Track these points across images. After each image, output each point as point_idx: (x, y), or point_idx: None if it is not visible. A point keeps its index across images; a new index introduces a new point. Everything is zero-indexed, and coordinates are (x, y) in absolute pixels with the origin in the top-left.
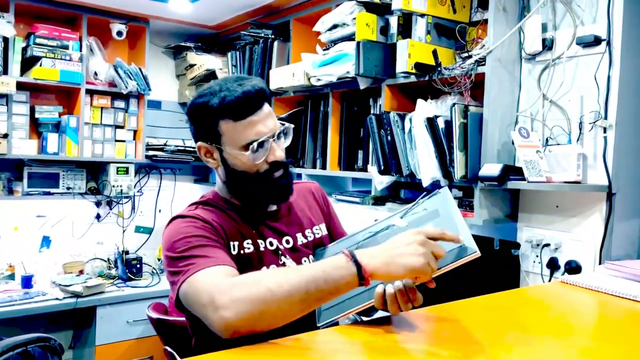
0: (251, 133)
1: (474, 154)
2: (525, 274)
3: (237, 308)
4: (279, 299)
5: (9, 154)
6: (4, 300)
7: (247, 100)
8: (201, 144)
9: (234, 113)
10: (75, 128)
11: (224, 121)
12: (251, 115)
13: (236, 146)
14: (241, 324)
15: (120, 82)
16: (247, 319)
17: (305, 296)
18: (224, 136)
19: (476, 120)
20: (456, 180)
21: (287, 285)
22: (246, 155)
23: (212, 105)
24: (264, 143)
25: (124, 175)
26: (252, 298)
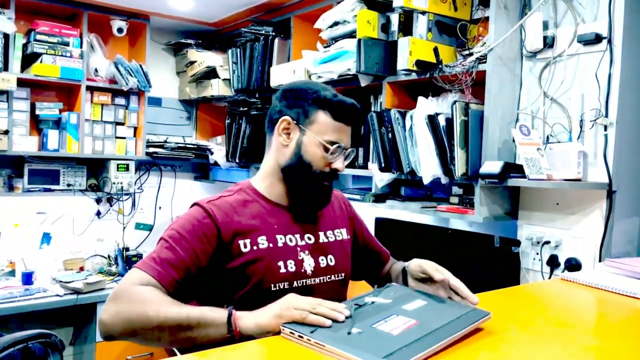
0: (338, 136)
1: (474, 151)
2: (525, 271)
3: (115, 318)
4: (152, 325)
5: (9, 150)
6: (5, 296)
7: (351, 111)
8: (287, 118)
9: (337, 112)
10: (76, 125)
11: (323, 112)
12: (346, 124)
13: (321, 137)
14: (114, 332)
15: (120, 79)
16: (120, 330)
17: (175, 330)
18: (316, 124)
19: (477, 117)
20: (457, 177)
21: (164, 316)
22: (322, 150)
23: (320, 95)
24: (341, 150)
25: (125, 172)
26: (130, 316)
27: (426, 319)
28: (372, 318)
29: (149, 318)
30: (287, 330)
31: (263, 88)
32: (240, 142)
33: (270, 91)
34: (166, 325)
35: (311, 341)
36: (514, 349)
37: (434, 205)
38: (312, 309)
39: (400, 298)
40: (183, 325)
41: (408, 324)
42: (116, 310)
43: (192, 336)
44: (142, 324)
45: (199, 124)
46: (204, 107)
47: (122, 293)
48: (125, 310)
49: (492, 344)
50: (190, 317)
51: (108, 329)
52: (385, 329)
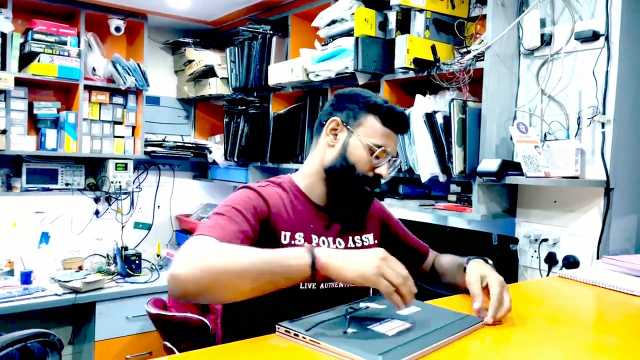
0: (385, 142)
1: (472, 149)
2: (523, 269)
3: (191, 271)
4: (231, 273)
5: (7, 150)
6: (3, 296)
7: (401, 119)
8: (336, 119)
9: (386, 118)
10: (74, 124)
11: (373, 117)
12: (394, 131)
13: (367, 140)
14: (189, 285)
15: (118, 78)
16: (196, 282)
17: (258, 275)
18: (364, 127)
19: (475, 115)
20: (455, 175)
21: (244, 261)
22: (368, 152)
23: (371, 100)
24: (387, 156)
25: (123, 171)
26: (207, 265)
27: (420, 322)
28: (367, 321)
29: (229, 264)
30: (282, 329)
31: (261, 87)
32: (238, 140)
33: (268, 90)
34: (248, 269)
35: (306, 339)
36: (512, 346)
37: (432, 204)
38: (399, 285)
39: None
40: (267, 260)
41: (402, 326)
42: (190, 263)
43: (273, 280)
44: (222, 271)
45: (198, 123)
46: (202, 106)
47: (192, 249)
48: (201, 261)
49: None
50: (272, 259)
51: (182, 284)
52: (381, 330)
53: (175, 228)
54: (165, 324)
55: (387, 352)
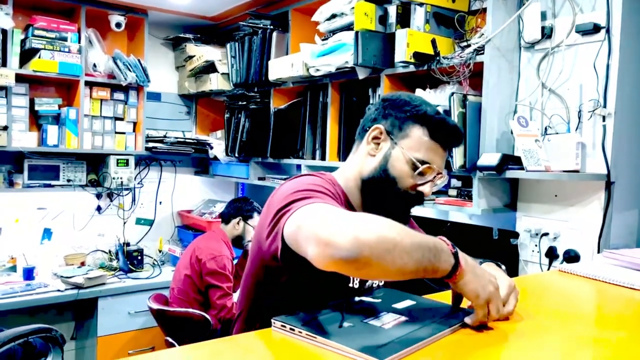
0: (431, 157)
1: (472, 143)
2: (524, 263)
3: (365, 236)
4: (405, 247)
5: (8, 146)
6: (6, 292)
7: (451, 133)
8: (379, 127)
9: (435, 131)
10: (75, 120)
11: (420, 128)
12: (441, 145)
13: (412, 153)
14: (363, 252)
15: (119, 74)
16: (370, 249)
17: (420, 258)
18: (409, 139)
19: (475, 109)
20: (455, 169)
21: (415, 239)
22: (411, 167)
23: (420, 110)
24: (432, 173)
25: (124, 167)
26: (383, 234)
27: (415, 315)
28: (362, 314)
29: (403, 238)
30: (278, 324)
31: (261, 82)
32: (239, 136)
33: (268, 85)
34: (417, 249)
35: (302, 333)
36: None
37: (433, 198)
38: (490, 318)
39: (390, 298)
40: (428, 246)
41: (398, 320)
42: (361, 228)
43: (428, 268)
44: (397, 243)
45: (199, 119)
46: (203, 101)
47: (342, 216)
48: (373, 228)
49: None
50: (430, 247)
51: (355, 249)
52: (376, 324)
53: (177, 224)
54: (166, 319)
55: (384, 345)
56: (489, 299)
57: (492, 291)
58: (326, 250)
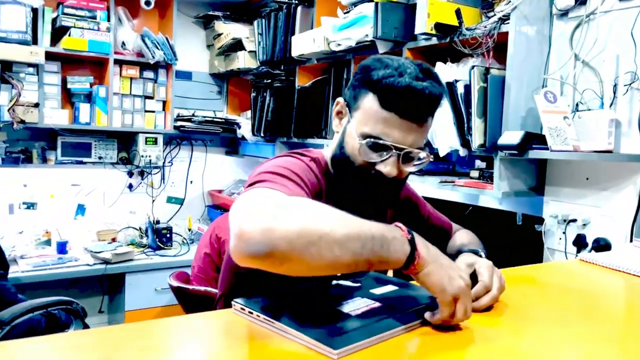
0: (383, 129)
1: (494, 120)
2: (549, 251)
3: (285, 227)
4: (335, 240)
5: (40, 123)
6: (38, 264)
7: (411, 99)
8: (340, 100)
9: (384, 99)
10: (105, 98)
11: (372, 96)
12: (399, 115)
13: (360, 127)
14: (279, 246)
15: (147, 52)
16: (289, 243)
17: (358, 249)
18: (360, 110)
19: (497, 84)
20: (474, 149)
21: (350, 228)
22: (357, 144)
23: (372, 75)
24: (385, 150)
25: (153, 145)
26: (306, 225)
27: (390, 302)
28: (333, 299)
29: (334, 229)
30: (237, 306)
31: (286, 59)
32: (264, 115)
33: (293, 62)
34: (353, 239)
35: (260, 317)
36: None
37: (453, 180)
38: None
39: (372, 283)
40: (371, 235)
41: (370, 306)
42: (283, 219)
43: (370, 259)
44: (324, 235)
45: (230, 98)
46: (234, 81)
47: (276, 202)
48: (298, 219)
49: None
50: (375, 236)
51: (271, 242)
52: (345, 310)
53: (207, 203)
54: (186, 297)
55: (344, 334)
56: (457, 295)
57: (462, 286)
58: (238, 244)
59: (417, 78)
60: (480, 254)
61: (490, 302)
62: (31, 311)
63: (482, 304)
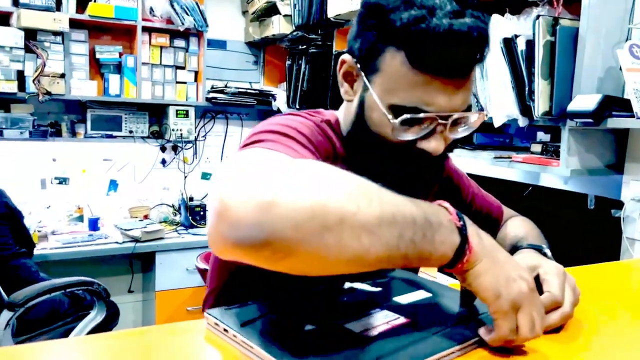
0: (422, 97)
1: (563, 82)
2: (629, 242)
3: (293, 202)
4: (360, 221)
5: (67, 94)
6: (68, 241)
7: (455, 49)
8: (346, 57)
9: (421, 55)
10: (133, 68)
11: (396, 52)
12: (445, 76)
13: (387, 98)
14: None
15: (176, 18)
16: (295, 226)
17: (395, 240)
18: (382, 73)
19: (569, 37)
20: (537, 117)
21: (382, 208)
22: (389, 122)
23: (393, 21)
24: (427, 123)
25: (184, 118)
26: (323, 201)
27: (420, 317)
28: (343, 310)
29: (361, 208)
30: (211, 320)
31: (323, 22)
32: (300, 85)
33: (331, 25)
34: (388, 224)
35: (237, 338)
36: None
37: (510, 156)
38: (521, 339)
39: (397, 286)
40: (412, 218)
41: (392, 322)
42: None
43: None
44: (348, 217)
45: (267, 69)
46: (271, 49)
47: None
48: (310, 192)
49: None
50: (417, 220)
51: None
52: (357, 329)
53: None
54: None
55: None
56: (517, 304)
57: (524, 291)
58: (220, 227)
59: (456, 13)
60: (545, 251)
61: (561, 321)
62: (47, 292)
63: (549, 322)
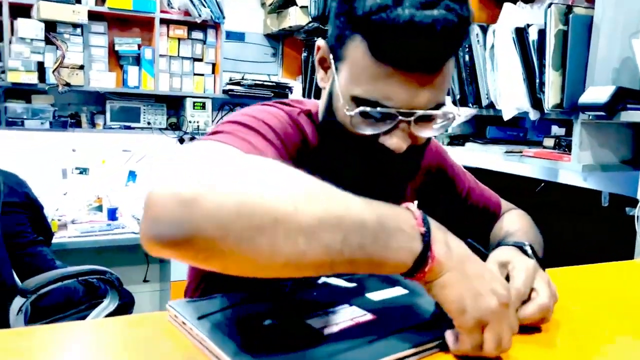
0: (382, 90)
1: (575, 73)
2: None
3: (218, 199)
4: (297, 222)
5: (86, 86)
6: (86, 230)
7: (416, 41)
8: (320, 43)
9: (380, 45)
10: (151, 60)
11: (359, 41)
12: (406, 70)
13: (349, 88)
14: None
15: (193, 10)
16: (220, 225)
17: (337, 244)
18: (347, 62)
19: (582, 26)
20: (547, 109)
21: (323, 210)
22: (347, 113)
23: (356, 9)
24: (388, 118)
25: (201, 110)
26: (255, 200)
27: (387, 315)
28: (314, 306)
29: (299, 208)
30: (172, 312)
31: None
32: (315, 78)
33: None
34: (328, 226)
35: (192, 332)
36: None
37: (521, 150)
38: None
39: (373, 282)
40: (360, 222)
41: (357, 319)
42: (216, 185)
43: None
44: (283, 217)
45: (286, 61)
46: (290, 41)
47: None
48: (242, 188)
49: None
50: (366, 223)
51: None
52: (318, 324)
53: None
54: None
55: None
56: (483, 321)
57: (492, 307)
58: (143, 222)
59: (427, 4)
60: (525, 248)
61: (539, 314)
62: (59, 280)
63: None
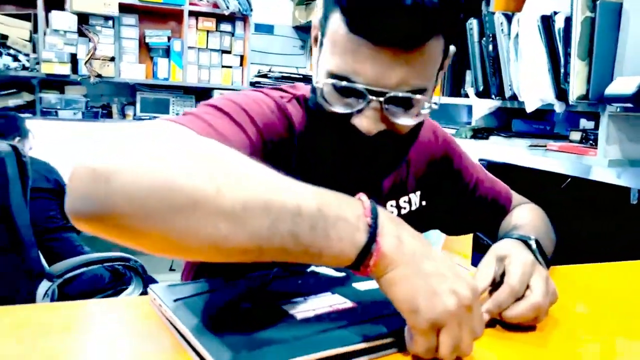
0: (353, 64)
1: (602, 63)
2: None
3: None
4: (219, 205)
5: (116, 77)
6: None
7: (389, 14)
8: (315, 23)
9: (354, 17)
10: (180, 52)
11: (338, 14)
12: (376, 43)
13: (327, 61)
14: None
15: (221, 2)
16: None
17: (264, 230)
18: (327, 36)
19: (610, 13)
20: (572, 101)
21: (251, 193)
22: (321, 84)
23: None
24: (358, 95)
25: None
26: (182, 179)
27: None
28: (291, 293)
29: (211, 185)
30: (152, 295)
31: None
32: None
33: None
34: (257, 206)
35: (167, 314)
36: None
37: (545, 144)
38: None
39: None
40: (295, 208)
41: (338, 306)
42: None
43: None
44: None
45: None
46: None
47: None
48: (146, 162)
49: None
50: (303, 210)
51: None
52: (291, 310)
53: None
54: None
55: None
56: (438, 323)
57: (450, 308)
58: (67, 196)
59: None
60: (529, 242)
61: (532, 312)
62: (84, 265)
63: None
